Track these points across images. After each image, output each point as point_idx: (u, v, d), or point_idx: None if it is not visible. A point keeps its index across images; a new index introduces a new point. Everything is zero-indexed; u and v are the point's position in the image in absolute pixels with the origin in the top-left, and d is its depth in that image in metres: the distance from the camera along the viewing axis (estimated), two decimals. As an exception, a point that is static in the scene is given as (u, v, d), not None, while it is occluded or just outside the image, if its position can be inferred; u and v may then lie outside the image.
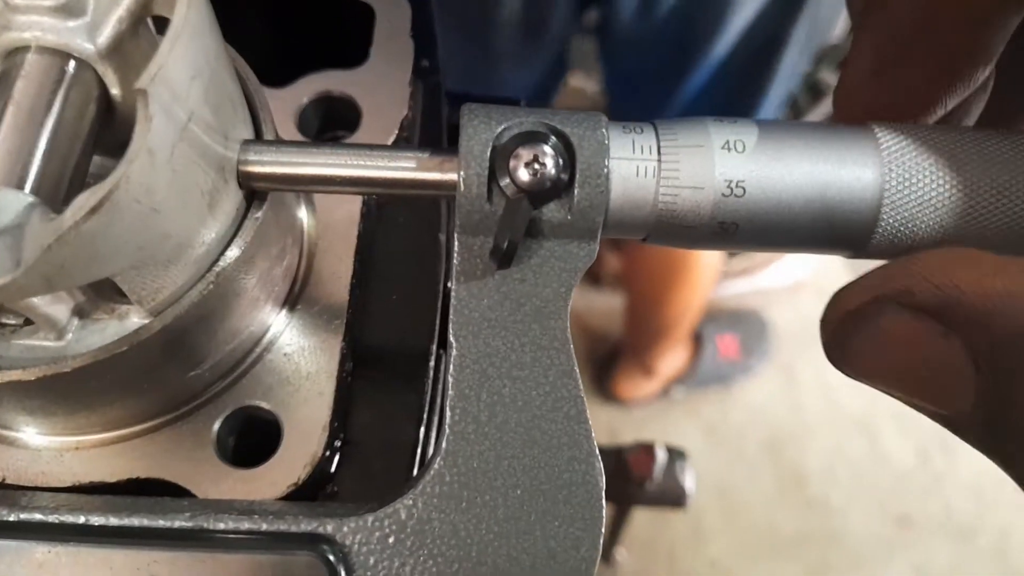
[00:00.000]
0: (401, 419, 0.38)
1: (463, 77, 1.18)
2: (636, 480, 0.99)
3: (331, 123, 0.43)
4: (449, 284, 0.37)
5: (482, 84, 1.23)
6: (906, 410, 0.30)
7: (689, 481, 1.06)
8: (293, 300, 0.37)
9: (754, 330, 1.98)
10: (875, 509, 1.95)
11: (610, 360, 1.92)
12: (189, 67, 0.27)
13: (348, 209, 0.39)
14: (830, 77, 1.88)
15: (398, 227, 0.43)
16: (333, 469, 0.36)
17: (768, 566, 1.87)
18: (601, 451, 0.32)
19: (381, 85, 0.42)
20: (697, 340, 1.93)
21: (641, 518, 1.36)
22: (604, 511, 0.32)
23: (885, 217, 0.31)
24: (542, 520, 0.31)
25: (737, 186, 0.30)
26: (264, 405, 0.35)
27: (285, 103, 0.42)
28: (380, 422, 0.38)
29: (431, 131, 0.46)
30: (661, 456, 1.01)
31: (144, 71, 0.25)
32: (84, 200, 0.24)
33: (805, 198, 0.31)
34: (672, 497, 1.04)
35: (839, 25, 1.82)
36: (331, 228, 0.39)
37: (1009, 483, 0.25)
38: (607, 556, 1.38)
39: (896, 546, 1.91)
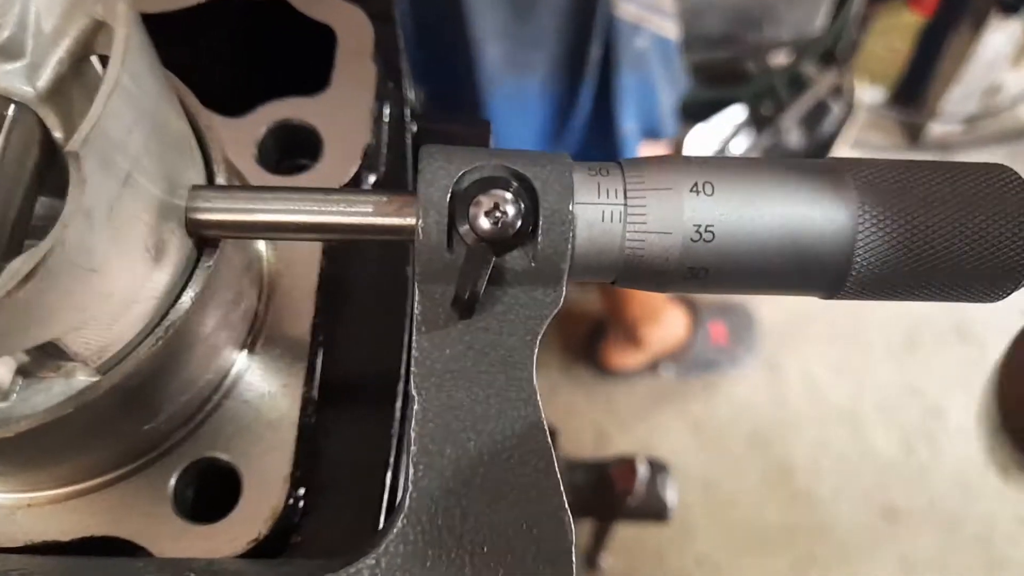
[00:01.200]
0: (368, 463, 0.37)
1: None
2: (618, 495, 0.98)
3: (292, 152, 0.41)
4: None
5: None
6: (891, 402, 0.28)
7: (671, 495, 1.05)
8: (252, 342, 0.36)
9: (742, 321, 1.97)
10: (861, 501, 1.96)
11: (597, 332, 1.90)
12: (127, 119, 0.25)
13: (310, 245, 0.38)
14: (811, 70, 1.87)
15: (365, 260, 0.41)
16: (298, 519, 0.35)
17: (755, 560, 1.88)
18: (584, 465, 0.32)
19: (343, 111, 0.41)
20: (692, 320, 1.92)
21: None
22: (575, 567, 0.31)
23: (859, 260, 0.30)
24: (510, 577, 0.30)
25: (706, 231, 0.29)
26: (223, 456, 0.34)
27: (243, 133, 0.40)
28: (347, 466, 0.37)
29: (397, 156, 0.44)
30: (643, 471, 1.01)
31: (77, 130, 0.24)
32: (18, 266, 0.23)
33: (777, 242, 0.30)
34: (654, 511, 1.04)
35: (819, 18, 1.82)
36: (292, 264, 0.38)
37: (992, 473, 0.24)
38: (592, 564, 1.38)
39: (882, 537, 1.91)
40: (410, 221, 0.29)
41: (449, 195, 0.29)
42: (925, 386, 2.03)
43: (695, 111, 1.77)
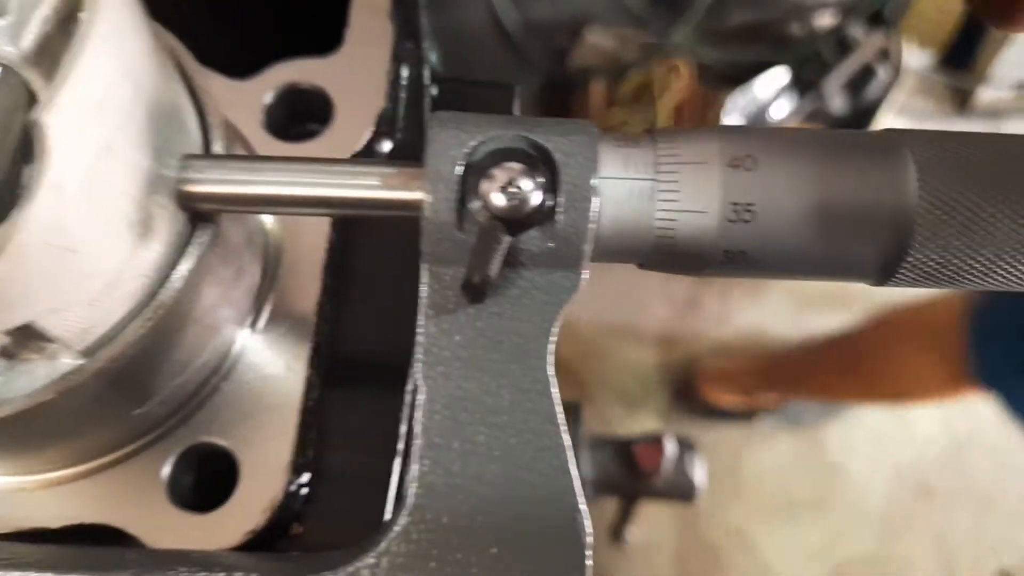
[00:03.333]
0: (376, 449, 0.35)
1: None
2: (644, 473, 0.96)
3: (302, 117, 0.39)
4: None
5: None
6: None
7: (699, 475, 1.02)
8: (254, 321, 0.34)
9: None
10: (895, 476, 1.92)
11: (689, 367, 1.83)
12: (105, 80, 0.23)
13: (318, 217, 0.35)
14: (858, 32, 1.79)
15: (378, 234, 0.39)
16: (299, 507, 0.33)
17: (786, 533, 1.85)
18: (608, 442, 0.29)
19: (356, 74, 0.38)
20: None
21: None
22: (589, 572, 0.28)
23: (917, 245, 0.27)
24: (521, 581, 0.28)
25: (746, 210, 0.26)
26: (220, 442, 0.32)
27: (250, 96, 0.38)
28: (353, 453, 0.35)
29: (414, 122, 0.42)
30: (670, 449, 0.98)
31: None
32: None
33: (825, 224, 0.26)
34: (681, 491, 1.01)
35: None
36: (299, 237, 0.35)
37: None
38: (617, 538, 1.36)
39: (916, 513, 1.88)
40: (419, 196, 0.27)
41: (461, 168, 0.26)
42: (966, 360, 1.97)
43: (735, 74, 1.71)
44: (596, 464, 0.91)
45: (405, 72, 0.42)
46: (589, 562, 0.28)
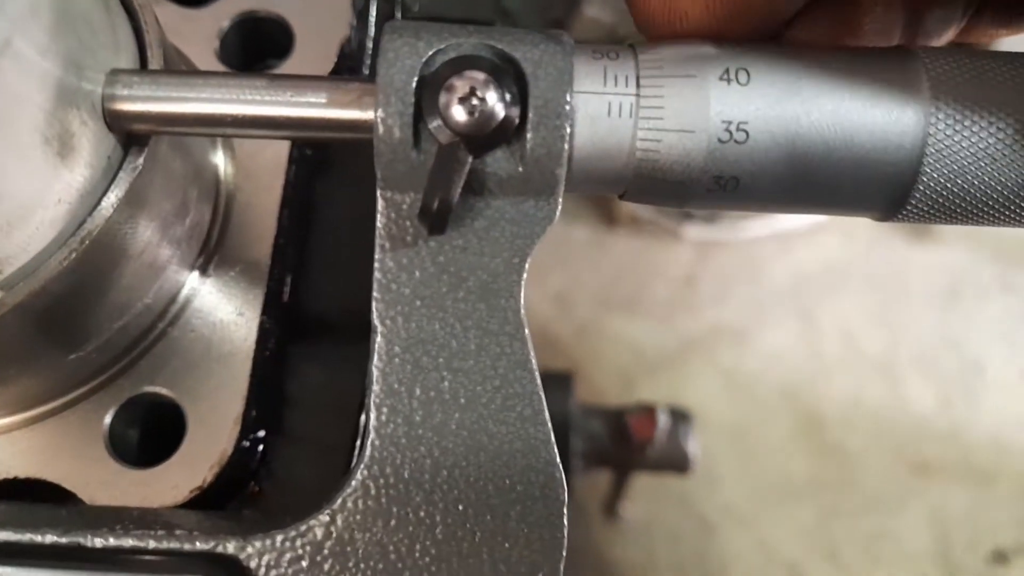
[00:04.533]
0: (341, 405, 0.33)
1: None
2: (637, 445, 0.93)
3: (260, 49, 0.36)
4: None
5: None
6: (928, 355, 0.23)
7: (693, 446, 1.00)
8: (204, 264, 0.31)
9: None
10: (892, 455, 1.91)
11: None
12: None
13: (274, 152, 0.33)
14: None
15: (344, 173, 0.36)
16: (255, 465, 0.31)
17: (781, 511, 1.84)
18: (600, 412, 0.27)
19: (319, 1, 0.35)
20: None
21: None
22: (566, 530, 0.26)
23: (928, 170, 0.24)
24: (490, 542, 0.25)
25: (738, 129, 0.24)
26: (165, 392, 0.29)
27: (204, 25, 0.35)
28: (315, 409, 0.33)
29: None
30: (664, 420, 0.95)
31: None
32: None
33: (826, 146, 0.24)
34: (675, 463, 0.99)
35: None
36: (254, 176, 0.32)
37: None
38: (611, 513, 1.34)
39: (912, 492, 1.87)
40: (371, 114, 0.24)
41: (416, 80, 0.23)
42: (965, 339, 1.95)
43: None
44: (587, 435, 0.89)
45: (374, 7, 0.39)
46: (565, 519, 0.26)
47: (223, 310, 0.30)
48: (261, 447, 0.31)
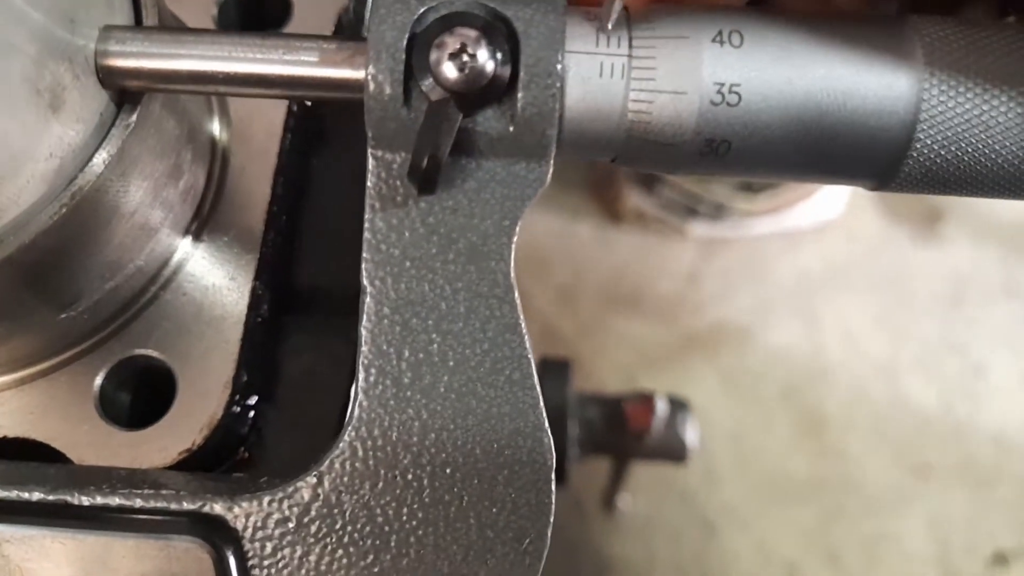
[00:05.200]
0: (333, 373, 0.33)
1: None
2: (634, 433, 0.93)
3: (258, 16, 0.36)
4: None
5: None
6: (931, 358, 0.23)
7: (691, 435, 0.99)
8: (198, 229, 0.31)
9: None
10: (893, 456, 1.90)
11: None
12: None
13: (269, 118, 0.33)
14: None
15: (343, 139, 0.36)
16: (246, 431, 0.31)
17: (780, 511, 1.84)
18: (597, 400, 0.26)
19: (318, -29, 0.35)
20: None
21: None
22: (553, 496, 0.26)
23: (922, 136, 0.24)
24: (477, 505, 0.25)
25: (731, 91, 0.23)
26: (156, 355, 0.29)
27: (202, -7, 0.35)
28: (308, 376, 0.33)
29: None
30: (661, 408, 0.95)
31: None
32: None
33: (818, 109, 0.24)
34: (672, 451, 0.98)
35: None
36: (249, 141, 0.32)
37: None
38: (609, 505, 1.34)
39: (912, 494, 1.86)
40: (363, 73, 0.24)
41: (407, 37, 0.23)
42: (968, 342, 1.94)
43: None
44: (583, 422, 0.89)
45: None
46: (552, 484, 0.26)
47: (215, 275, 0.30)
48: (252, 414, 0.31)
